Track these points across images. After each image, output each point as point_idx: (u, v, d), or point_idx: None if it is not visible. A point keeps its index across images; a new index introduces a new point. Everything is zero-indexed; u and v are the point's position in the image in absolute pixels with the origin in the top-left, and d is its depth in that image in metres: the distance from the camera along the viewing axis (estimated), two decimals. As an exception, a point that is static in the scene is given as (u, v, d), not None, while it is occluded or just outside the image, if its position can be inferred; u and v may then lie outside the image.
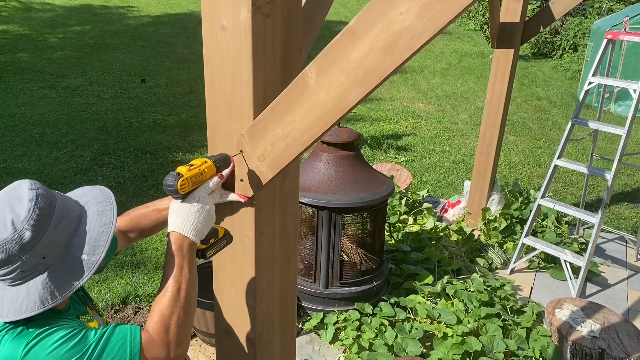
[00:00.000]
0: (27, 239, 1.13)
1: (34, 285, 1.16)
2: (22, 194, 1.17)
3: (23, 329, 1.16)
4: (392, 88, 10.05)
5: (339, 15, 15.81)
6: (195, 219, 1.32)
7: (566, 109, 9.24)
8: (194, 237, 1.32)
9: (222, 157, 1.41)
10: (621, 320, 3.21)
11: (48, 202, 1.18)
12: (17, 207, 1.15)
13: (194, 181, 1.32)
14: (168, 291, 1.26)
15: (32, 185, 1.19)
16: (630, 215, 5.34)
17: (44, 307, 1.15)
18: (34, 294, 1.15)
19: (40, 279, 1.16)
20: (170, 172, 1.31)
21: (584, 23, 13.20)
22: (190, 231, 1.31)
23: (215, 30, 1.38)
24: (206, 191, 1.36)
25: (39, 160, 5.84)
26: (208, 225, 1.36)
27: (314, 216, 3.34)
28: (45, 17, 13.82)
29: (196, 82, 9.45)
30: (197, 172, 1.33)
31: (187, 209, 1.32)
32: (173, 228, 1.32)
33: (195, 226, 1.32)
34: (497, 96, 4.45)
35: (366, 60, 1.15)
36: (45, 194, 1.19)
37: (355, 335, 3.20)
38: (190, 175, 1.31)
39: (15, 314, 1.14)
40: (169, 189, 1.29)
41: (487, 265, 4.17)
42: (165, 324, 1.23)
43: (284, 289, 1.74)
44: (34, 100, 7.94)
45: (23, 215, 1.14)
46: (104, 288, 3.72)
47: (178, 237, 1.31)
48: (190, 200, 1.34)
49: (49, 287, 1.16)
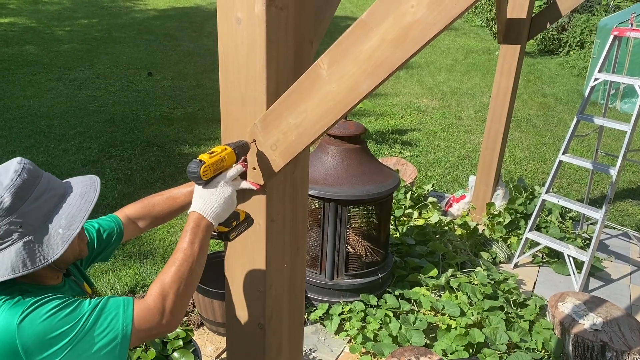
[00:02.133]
0: (6, 204, 1.18)
1: (8, 253, 1.19)
2: (10, 167, 1.23)
3: (19, 299, 1.19)
4: (398, 84, 10.06)
5: (345, 10, 15.79)
6: (217, 202, 1.38)
7: (572, 106, 9.24)
8: (212, 219, 1.38)
9: (240, 143, 1.46)
10: (623, 314, 3.24)
11: (33, 175, 1.24)
12: (3, 177, 1.21)
13: (215, 167, 1.39)
14: (175, 263, 1.30)
15: (21, 160, 1.25)
16: (635, 212, 5.36)
17: (14, 274, 1.18)
18: (7, 261, 1.19)
19: (15, 247, 1.20)
20: (193, 160, 1.37)
21: (590, 20, 13.15)
22: (209, 213, 1.37)
23: (230, 23, 1.42)
24: (229, 177, 1.43)
25: (47, 151, 5.90)
26: (229, 209, 1.42)
27: (321, 208, 3.38)
28: (53, 10, 13.87)
29: (202, 75, 9.48)
30: (218, 158, 1.39)
31: (209, 193, 1.39)
32: (194, 208, 1.38)
33: (215, 209, 1.38)
34: (502, 92, 4.47)
35: (377, 52, 1.19)
36: (32, 168, 1.25)
37: (360, 326, 3.24)
38: (212, 162, 1.37)
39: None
40: (193, 175, 1.36)
41: (491, 259, 4.20)
42: (165, 291, 1.26)
43: (293, 276, 1.78)
44: (41, 92, 8.00)
45: (5, 183, 1.19)
46: (113, 277, 3.78)
47: (197, 217, 1.37)
48: (213, 185, 1.40)
49: (22, 256, 1.19)
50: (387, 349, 3.01)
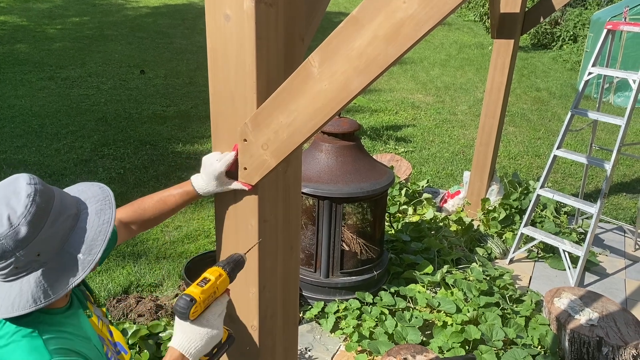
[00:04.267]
0: (23, 235, 1.10)
1: (27, 283, 1.13)
2: (20, 189, 1.13)
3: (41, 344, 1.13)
4: (392, 79, 10.04)
5: (339, 6, 15.75)
6: (201, 341, 1.30)
7: (566, 100, 9.25)
8: (193, 358, 1.30)
9: (234, 261, 1.38)
10: (619, 309, 3.24)
11: (46, 198, 1.15)
12: (14, 202, 1.12)
13: (207, 303, 1.30)
14: None
15: (30, 180, 1.16)
16: (629, 206, 5.37)
17: (37, 306, 1.13)
18: (27, 292, 1.13)
19: (34, 276, 1.13)
20: (183, 295, 1.26)
21: (583, 14, 13.17)
22: (192, 352, 1.29)
23: (218, 20, 1.39)
24: (217, 313, 1.34)
25: (39, 151, 5.85)
26: (212, 345, 1.33)
27: (315, 206, 3.36)
28: (44, 8, 13.76)
29: (195, 73, 9.43)
30: (211, 292, 1.30)
31: (195, 330, 1.30)
32: (175, 345, 1.30)
33: (199, 348, 1.30)
34: (496, 87, 4.46)
35: (369, 49, 1.16)
36: (44, 189, 1.16)
37: (355, 324, 3.23)
38: (203, 298, 1.28)
39: (7, 312, 1.12)
40: (182, 315, 1.26)
41: (486, 255, 4.19)
42: None
43: (286, 276, 1.76)
44: (33, 91, 7.93)
45: (20, 211, 1.11)
46: (106, 278, 3.75)
47: (177, 356, 1.28)
48: (200, 323, 1.30)
49: (42, 285, 1.14)
50: (383, 346, 3.00)
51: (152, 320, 3.16)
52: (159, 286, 3.74)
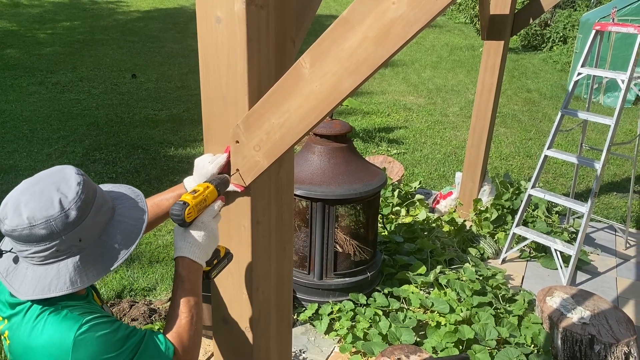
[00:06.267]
0: (72, 218, 1.16)
1: (65, 266, 1.18)
2: (70, 177, 1.21)
3: (67, 312, 1.18)
4: (384, 81, 10.07)
5: (330, 9, 15.79)
6: (203, 242, 1.38)
7: (556, 101, 9.31)
8: (201, 261, 1.38)
9: (221, 179, 1.46)
10: (611, 307, 3.26)
11: (92, 189, 1.24)
12: (65, 188, 1.19)
13: (199, 208, 1.38)
14: (184, 317, 1.31)
15: (78, 171, 1.24)
16: (619, 205, 5.41)
17: (73, 289, 1.18)
18: (65, 274, 1.18)
19: (72, 260, 1.19)
20: (177, 202, 1.35)
21: (573, 15, 13.27)
22: (197, 254, 1.37)
23: (209, 22, 1.40)
24: (211, 215, 1.41)
25: (30, 156, 5.81)
26: (213, 247, 1.42)
27: (308, 208, 3.36)
28: (34, 12, 13.70)
29: (187, 77, 9.42)
30: (201, 198, 1.38)
31: (195, 235, 1.37)
32: (182, 253, 1.36)
33: (202, 250, 1.38)
34: (487, 88, 4.49)
35: (360, 50, 1.17)
36: (88, 180, 1.25)
37: (349, 325, 3.23)
38: (195, 202, 1.36)
39: (43, 292, 1.16)
40: (177, 218, 1.34)
41: (479, 255, 4.21)
42: (184, 345, 1.29)
43: (280, 278, 1.76)
44: (23, 96, 7.89)
45: (71, 196, 1.18)
46: (99, 283, 3.73)
47: (187, 263, 1.36)
48: (197, 226, 1.38)
49: (79, 269, 1.19)
50: (377, 347, 3.01)
51: (145, 324, 3.15)
52: (153, 290, 3.73)
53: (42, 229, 1.14)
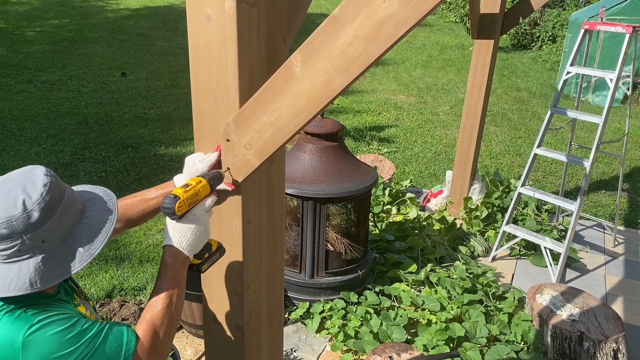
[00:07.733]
0: (34, 220, 1.17)
1: (27, 266, 1.18)
2: (37, 178, 1.21)
3: (21, 312, 1.18)
4: (374, 80, 10.09)
5: (321, 7, 15.78)
6: (192, 235, 1.37)
7: (545, 100, 9.37)
8: (189, 253, 1.37)
9: (215, 174, 1.44)
10: (599, 304, 3.29)
11: (59, 190, 1.23)
12: (30, 189, 1.19)
13: (190, 202, 1.37)
14: (160, 303, 1.30)
15: (47, 172, 1.24)
16: (608, 203, 5.46)
17: (32, 290, 1.17)
18: (25, 275, 1.17)
19: (34, 261, 1.18)
20: (168, 194, 1.35)
21: (562, 14, 13.36)
22: (185, 246, 1.36)
23: (200, 20, 1.39)
24: (203, 209, 1.40)
25: (19, 155, 5.76)
26: (203, 241, 1.41)
27: (299, 207, 3.36)
28: (22, 10, 13.57)
29: (177, 75, 9.38)
30: (193, 192, 1.37)
31: (185, 227, 1.37)
32: (169, 242, 1.36)
33: (190, 242, 1.37)
34: (477, 87, 4.50)
35: (351, 48, 1.17)
36: (57, 182, 1.24)
37: (341, 323, 3.23)
38: (186, 196, 1.35)
39: (2, 291, 1.16)
40: (167, 211, 1.33)
41: (469, 253, 4.23)
42: (155, 332, 1.28)
43: (271, 277, 1.76)
44: (11, 95, 7.82)
45: (35, 198, 1.18)
46: (89, 282, 3.71)
47: (174, 252, 1.36)
48: (187, 219, 1.37)
49: (40, 271, 1.18)
50: (368, 346, 3.01)
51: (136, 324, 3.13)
52: (143, 290, 3.71)
53: (4, 229, 1.15)
